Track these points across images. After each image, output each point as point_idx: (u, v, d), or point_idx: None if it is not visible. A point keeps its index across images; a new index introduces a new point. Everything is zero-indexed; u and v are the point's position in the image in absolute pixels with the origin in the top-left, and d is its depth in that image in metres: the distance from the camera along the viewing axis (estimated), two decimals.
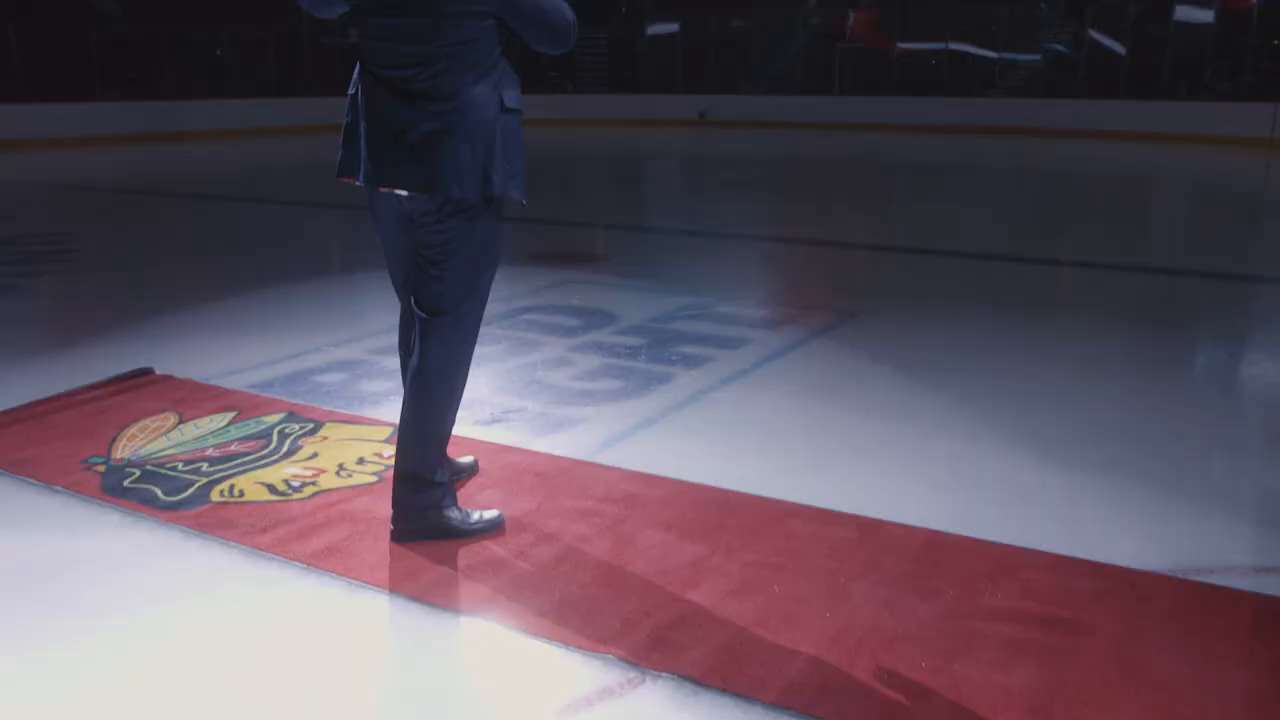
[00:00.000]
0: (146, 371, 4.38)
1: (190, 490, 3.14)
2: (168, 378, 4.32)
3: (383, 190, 2.63)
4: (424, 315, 2.67)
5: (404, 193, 2.58)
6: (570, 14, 2.59)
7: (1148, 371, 4.58)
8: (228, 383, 4.28)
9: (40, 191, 12.60)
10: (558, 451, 3.47)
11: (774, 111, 25.81)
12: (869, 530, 2.86)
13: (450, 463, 3.06)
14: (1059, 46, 27.31)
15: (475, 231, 2.61)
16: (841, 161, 18.21)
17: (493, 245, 2.68)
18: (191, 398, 4.04)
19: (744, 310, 5.58)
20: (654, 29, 31.61)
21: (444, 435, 2.77)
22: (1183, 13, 25.24)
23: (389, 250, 2.79)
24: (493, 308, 5.19)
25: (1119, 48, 26.09)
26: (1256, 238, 9.29)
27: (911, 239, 8.56)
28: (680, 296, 5.92)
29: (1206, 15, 24.78)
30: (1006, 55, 27.04)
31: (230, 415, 3.84)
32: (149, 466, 3.33)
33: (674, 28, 31.33)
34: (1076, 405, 4.04)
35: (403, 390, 2.80)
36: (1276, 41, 23.97)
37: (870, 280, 6.98)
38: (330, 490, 3.13)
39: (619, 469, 3.30)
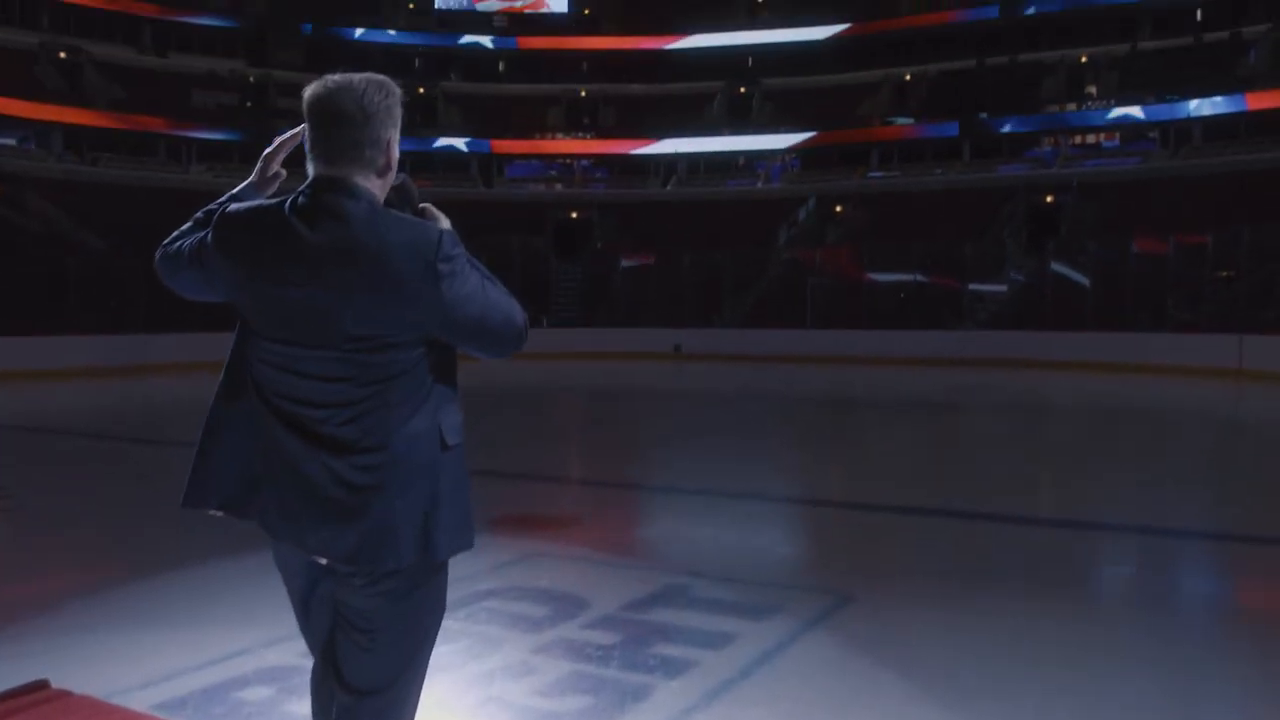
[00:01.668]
0: (41, 685, 3.77)
1: None
2: (64, 695, 3.72)
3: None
4: (347, 696, 2.09)
5: (322, 560, 2.06)
6: (520, 316, 2.08)
7: (1180, 672, 4.07)
8: (137, 700, 3.69)
9: None
10: None
11: (748, 345, 26.09)
12: None
13: None
14: (1023, 277, 28.14)
15: (416, 593, 2.07)
16: (817, 398, 18.12)
17: (438, 604, 2.15)
18: None
19: (727, 593, 5.08)
20: (628, 262, 32.46)
21: None
22: (1141, 244, 26.09)
23: (297, 604, 2.22)
24: (449, 590, 4.69)
25: (1082, 279, 26.89)
26: (1254, 484, 8.98)
27: (897, 495, 8.17)
28: (657, 574, 5.41)
29: (1164, 248, 25.66)
30: (974, 286, 27.79)
31: None
32: None
33: (648, 261, 32.18)
34: None
35: None
36: (1224, 274, 24.74)
37: (860, 549, 6.50)
38: None
39: None
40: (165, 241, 2.18)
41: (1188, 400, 17.15)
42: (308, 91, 2.00)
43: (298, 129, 2.09)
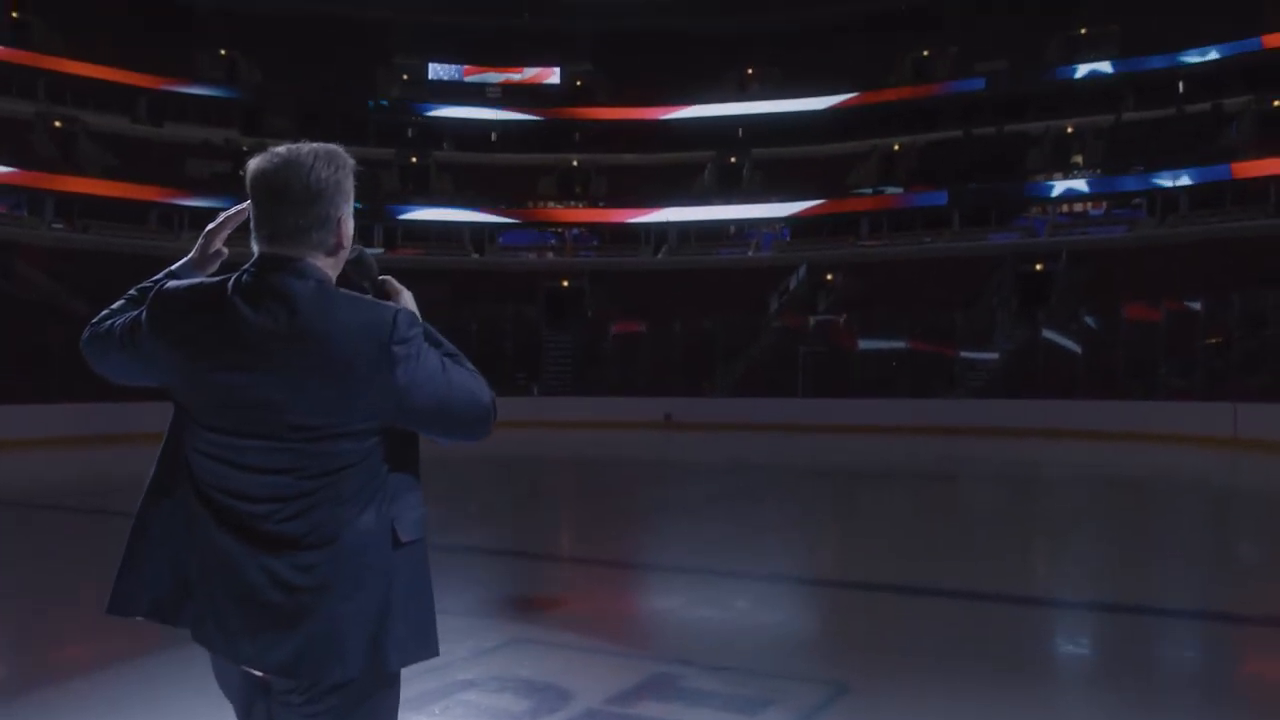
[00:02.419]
0: None
1: None
2: None
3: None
4: None
5: (258, 672, 1.86)
6: (487, 395, 1.90)
7: None
8: None
9: None
10: None
11: (739, 413, 25.92)
12: None
13: None
14: (1013, 345, 28.11)
15: (364, 707, 1.85)
16: (808, 468, 17.91)
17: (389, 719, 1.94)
18: None
19: (717, 684, 4.83)
20: (619, 331, 32.39)
21: None
22: (1132, 312, 26.05)
23: (239, 714, 2.00)
24: (428, 680, 4.45)
25: (1074, 346, 26.85)
26: (1255, 560, 8.78)
27: (890, 572, 7.94)
28: (645, 661, 5.18)
29: (1154, 315, 25.65)
30: (965, 354, 27.73)
31: None
32: None
33: (639, 329, 32.14)
34: None
35: None
36: (1215, 340, 24.71)
37: (854, 632, 6.27)
38: None
39: None
40: (94, 320, 2.01)
41: (1184, 469, 16.98)
42: (252, 164, 1.85)
43: (243, 205, 1.95)
